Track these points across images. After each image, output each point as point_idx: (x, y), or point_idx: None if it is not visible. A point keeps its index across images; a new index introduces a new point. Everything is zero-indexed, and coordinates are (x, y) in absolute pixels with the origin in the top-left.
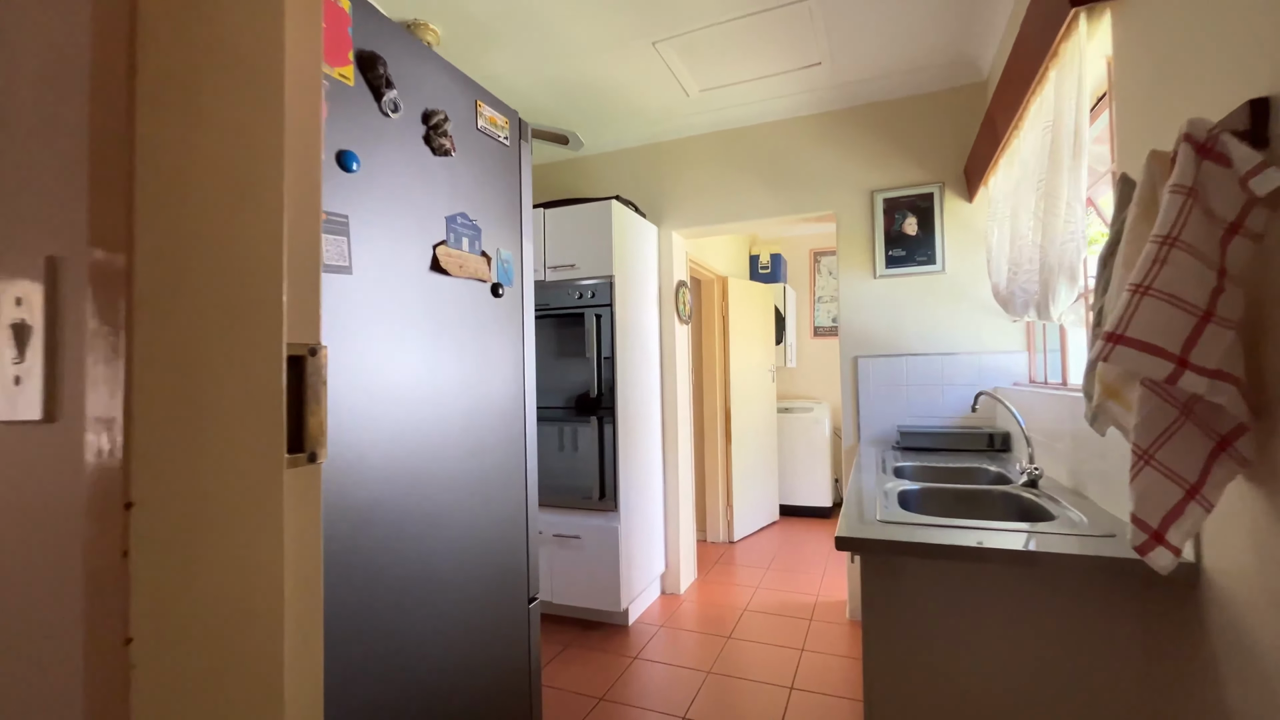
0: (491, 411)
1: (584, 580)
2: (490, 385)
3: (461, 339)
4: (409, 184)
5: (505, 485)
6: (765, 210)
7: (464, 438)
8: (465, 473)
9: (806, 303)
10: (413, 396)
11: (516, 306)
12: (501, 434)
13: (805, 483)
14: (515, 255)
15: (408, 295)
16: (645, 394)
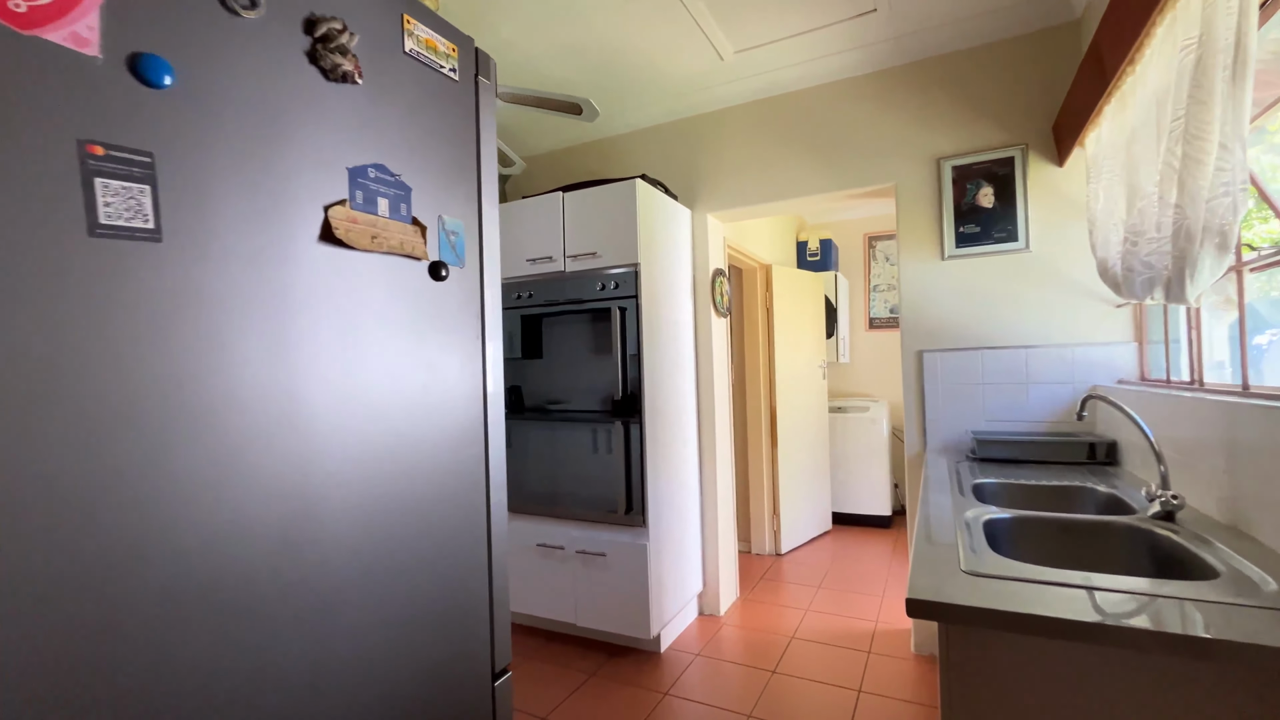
0: (432, 439)
1: (611, 603)
2: (431, 401)
3: (380, 337)
4: (279, 117)
5: (454, 534)
6: (813, 186)
7: (384, 479)
8: (385, 528)
9: (861, 292)
10: (284, 422)
11: (473, 293)
12: (450, 467)
13: (861, 489)
14: (469, 226)
15: (275, 275)
16: (677, 395)
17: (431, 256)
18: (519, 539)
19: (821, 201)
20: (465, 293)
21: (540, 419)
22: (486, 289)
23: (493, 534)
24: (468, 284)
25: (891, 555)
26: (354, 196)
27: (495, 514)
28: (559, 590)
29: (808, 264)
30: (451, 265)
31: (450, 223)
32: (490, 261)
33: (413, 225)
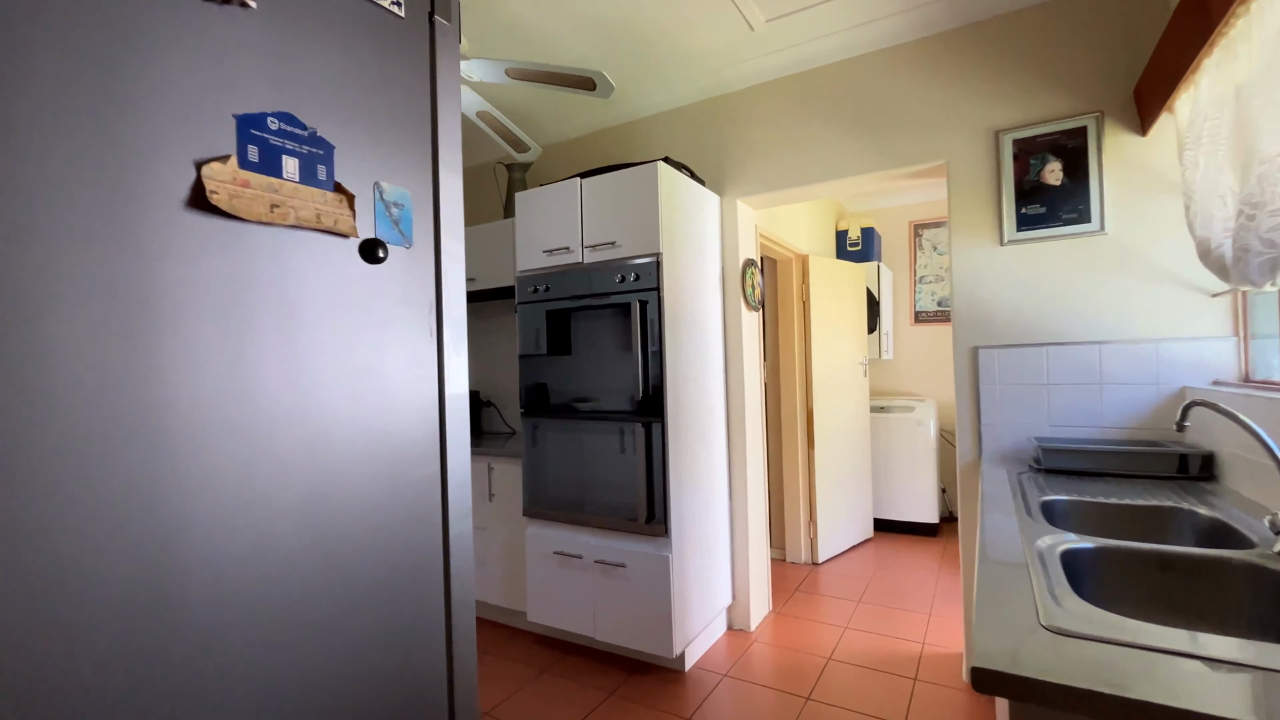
0: (362, 464)
1: (631, 617)
2: (362, 415)
3: (283, 336)
4: (130, 37)
5: (394, 584)
6: (853, 167)
7: (283, 520)
8: (286, 584)
9: (905, 284)
10: (132, 462)
11: (424, 280)
12: (388, 497)
13: (905, 494)
14: (420, 198)
15: (115, 256)
16: (704, 394)
17: (363, 233)
18: (536, 545)
19: (863, 184)
20: (414, 279)
21: (555, 419)
22: (446, 275)
23: (452, 581)
24: (418, 269)
25: (939, 567)
26: (244, 152)
27: (456, 553)
28: (577, 601)
29: (848, 254)
30: (393, 245)
31: (392, 192)
32: (451, 241)
33: (335, 193)
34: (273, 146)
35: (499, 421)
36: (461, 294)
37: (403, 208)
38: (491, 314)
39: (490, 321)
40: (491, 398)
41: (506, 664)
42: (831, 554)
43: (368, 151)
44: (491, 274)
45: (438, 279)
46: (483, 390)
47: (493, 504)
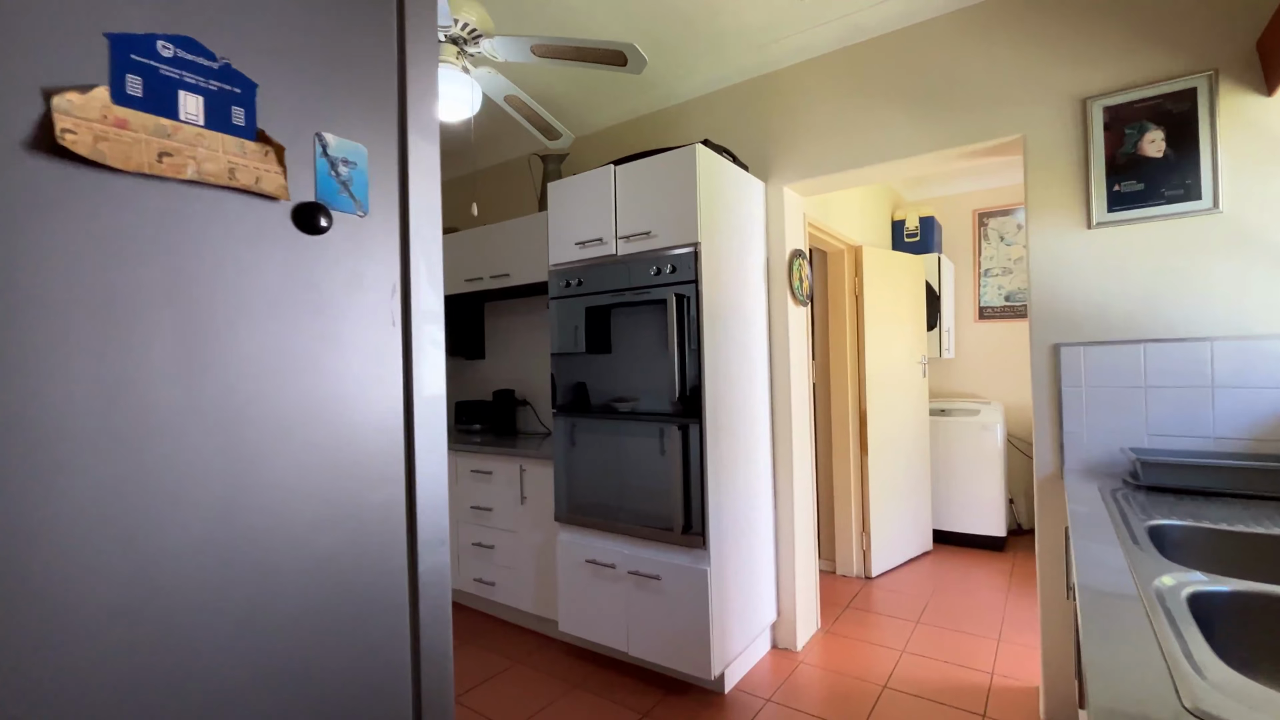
0: (293, 485)
1: (667, 633)
2: (292, 425)
3: (193, 324)
4: None
5: (340, 637)
6: (912, 146)
7: (178, 581)
8: (174, 670)
9: (968, 277)
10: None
11: (386, 258)
12: (333, 545)
13: (969, 504)
14: (380, 156)
15: None
16: (746, 394)
17: (297, 196)
18: (568, 553)
19: (924, 165)
20: (370, 256)
21: (587, 419)
22: (416, 252)
23: (422, 631)
24: (376, 243)
25: (1009, 585)
26: (120, 83)
27: (428, 596)
28: (610, 613)
29: (905, 245)
30: (340, 212)
31: (340, 147)
32: (423, 211)
33: (258, 144)
34: (165, 79)
35: (534, 421)
36: (437, 276)
37: (354, 166)
38: (528, 310)
39: (527, 318)
40: (527, 396)
41: (536, 676)
42: (886, 568)
43: (307, 94)
44: (526, 269)
45: (404, 256)
46: (518, 389)
47: (524, 507)
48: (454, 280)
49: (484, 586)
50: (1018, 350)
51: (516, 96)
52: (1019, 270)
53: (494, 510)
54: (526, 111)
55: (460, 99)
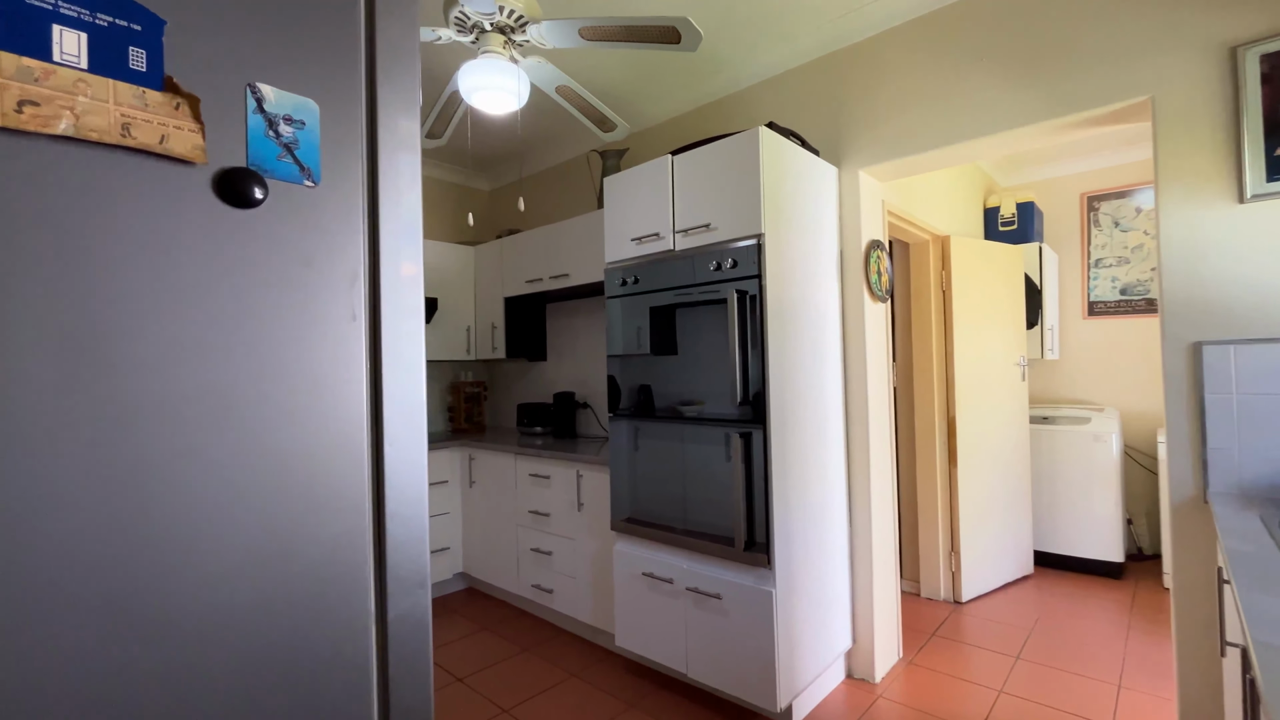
0: (230, 536)
1: (729, 657)
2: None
3: (79, 317)
4: None
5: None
6: (1012, 117)
7: (71, 634)
8: None
9: (1076, 269)
10: None
11: (347, 237)
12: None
13: (1077, 524)
14: (340, 115)
15: None
16: (817, 398)
17: (222, 160)
18: (624, 564)
19: (1026, 139)
20: (324, 237)
21: (643, 424)
22: (388, 233)
23: (392, 697)
24: (333, 222)
25: (1129, 620)
26: None
27: (400, 650)
28: (668, 630)
29: (1000, 235)
30: (281, 180)
31: (282, 102)
32: (398, 185)
33: (166, 94)
34: (31, 8)
35: (595, 424)
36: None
37: (301, 127)
38: (590, 311)
39: (588, 319)
40: (588, 398)
41: (592, 691)
42: (979, 592)
43: (237, 35)
44: (585, 269)
45: (372, 238)
46: (579, 391)
47: (582, 514)
48: (515, 281)
49: (542, 593)
50: (1137, 350)
51: (568, 87)
52: (1139, 259)
53: (551, 516)
54: (579, 102)
55: (508, 90)
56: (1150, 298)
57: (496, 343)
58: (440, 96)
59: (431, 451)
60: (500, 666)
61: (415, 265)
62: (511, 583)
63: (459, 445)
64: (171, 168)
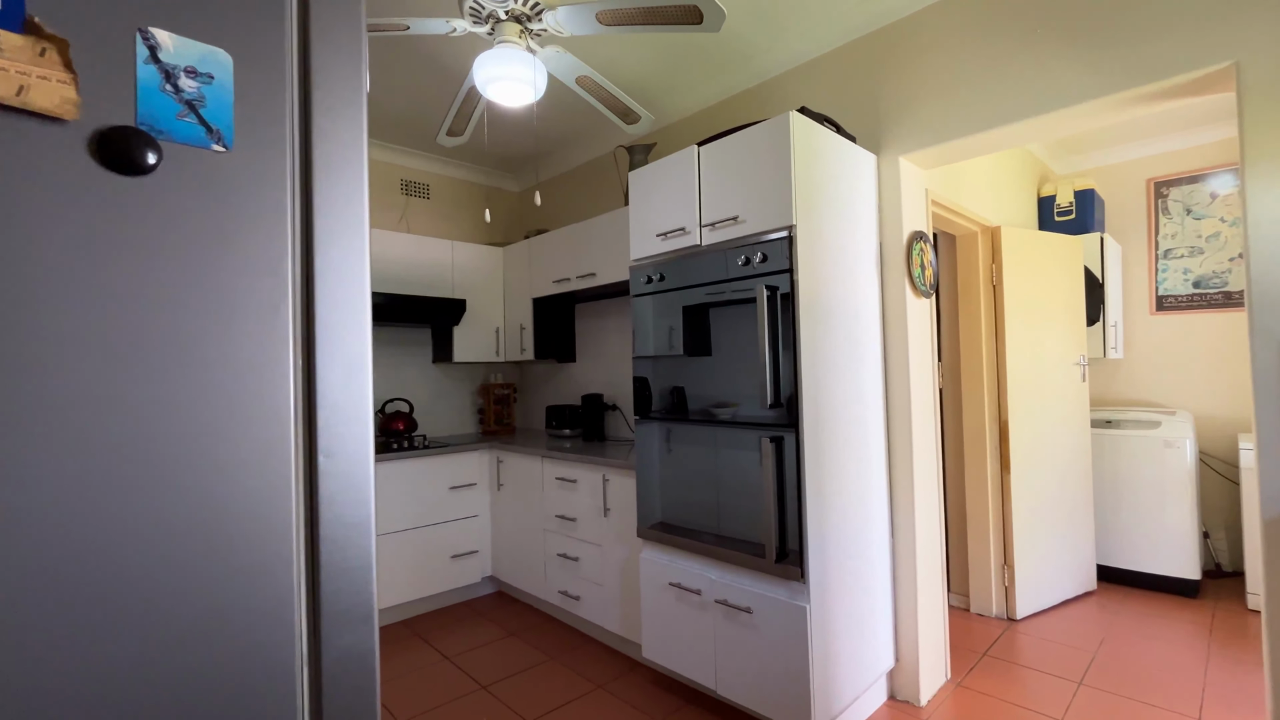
0: (122, 571)
1: (760, 674)
2: (115, 478)
3: None
4: None
5: None
6: (1072, 93)
7: None
8: None
9: (1142, 261)
10: None
11: (271, 216)
12: (172, 636)
13: (1147, 536)
14: (260, 68)
15: None
16: (854, 400)
17: (105, 118)
18: (651, 573)
19: (1086, 117)
20: (239, 211)
21: (668, 427)
22: (326, 212)
23: None
24: (252, 194)
25: (1208, 644)
26: None
27: (339, 691)
28: (695, 644)
29: (1056, 225)
30: (181, 143)
31: (184, 51)
32: (339, 155)
33: (23, 37)
34: None
35: (623, 427)
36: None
37: (210, 81)
38: (618, 311)
39: (618, 319)
40: (616, 400)
41: (618, 705)
42: (1036, 609)
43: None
44: (612, 267)
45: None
46: (607, 393)
47: (608, 519)
48: (543, 282)
49: (569, 600)
50: (1213, 348)
51: (588, 77)
52: (1214, 249)
53: (578, 521)
54: (600, 93)
55: (524, 80)
56: (1228, 290)
57: (525, 344)
58: (458, 93)
59: (459, 454)
60: (525, 675)
61: (359, 248)
62: (539, 588)
63: (487, 447)
64: (34, 125)
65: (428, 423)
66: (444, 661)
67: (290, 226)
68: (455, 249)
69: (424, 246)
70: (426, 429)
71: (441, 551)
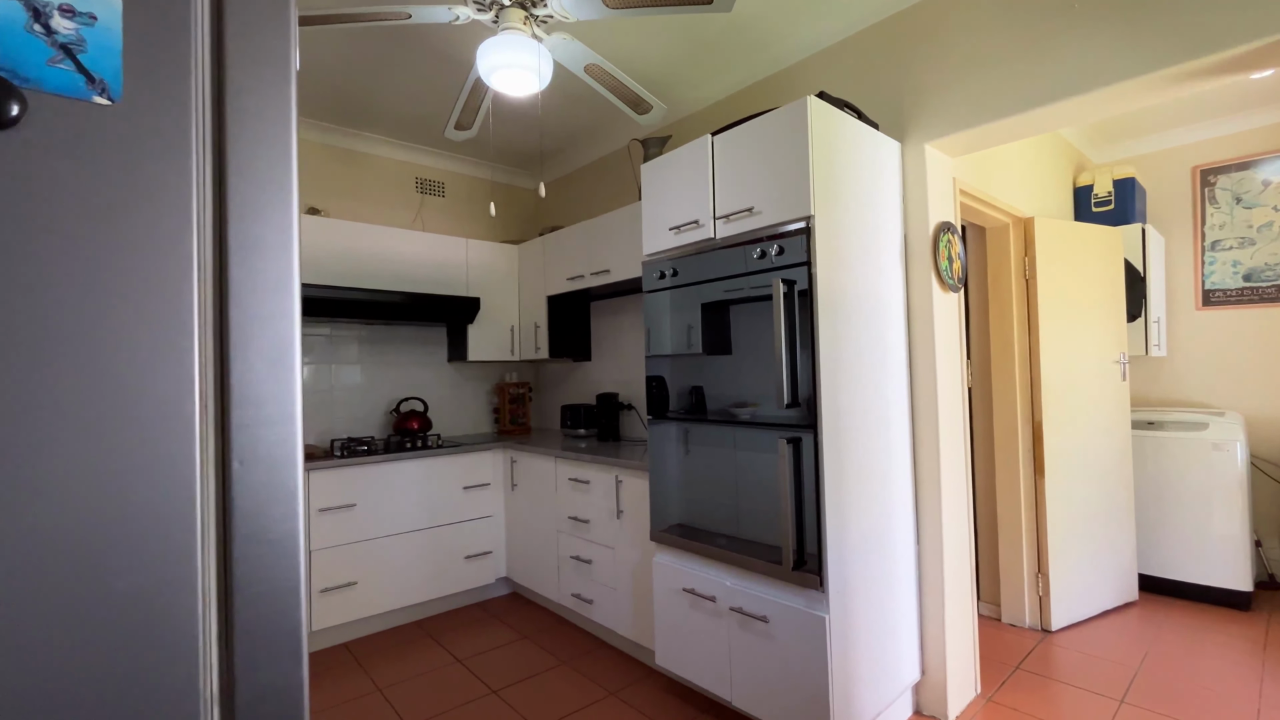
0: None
1: (777, 686)
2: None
3: None
4: None
5: None
6: (1116, 69)
7: None
8: None
9: (1186, 253)
10: None
11: (172, 177)
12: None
13: (1192, 544)
14: (159, 9)
15: None
16: (877, 400)
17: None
18: (664, 577)
19: (1130, 96)
20: (128, 176)
21: (680, 427)
22: (239, 173)
23: None
24: (146, 156)
25: (1262, 661)
26: None
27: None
28: (710, 652)
29: (1094, 216)
30: (57, 93)
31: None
32: (251, 109)
33: None
34: None
35: (639, 427)
36: (284, 220)
37: (93, 22)
38: (634, 309)
39: (633, 317)
40: (632, 399)
41: (630, 713)
42: (1072, 620)
43: None
44: (626, 264)
45: (216, 183)
46: (623, 392)
47: (621, 522)
48: (557, 279)
49: (582, 603)
50: (1266, 345)
51: (597, 65)
52: (1268, 239)
53: (591, 523)
54: (610, 82)
55: (528, 67)
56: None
57: (540, 343)
58: (464, 84)
59: (473, 453)
60: (537, 679)
61: (283, 222)
62: (552, 590)
63: (501, 447)
64: None
65: (443, 422)
66: (455, 664)
67: (196, 194)
68: (470, 247)
69: (438, 245)
70: (441, 428)
71: (455, 552)
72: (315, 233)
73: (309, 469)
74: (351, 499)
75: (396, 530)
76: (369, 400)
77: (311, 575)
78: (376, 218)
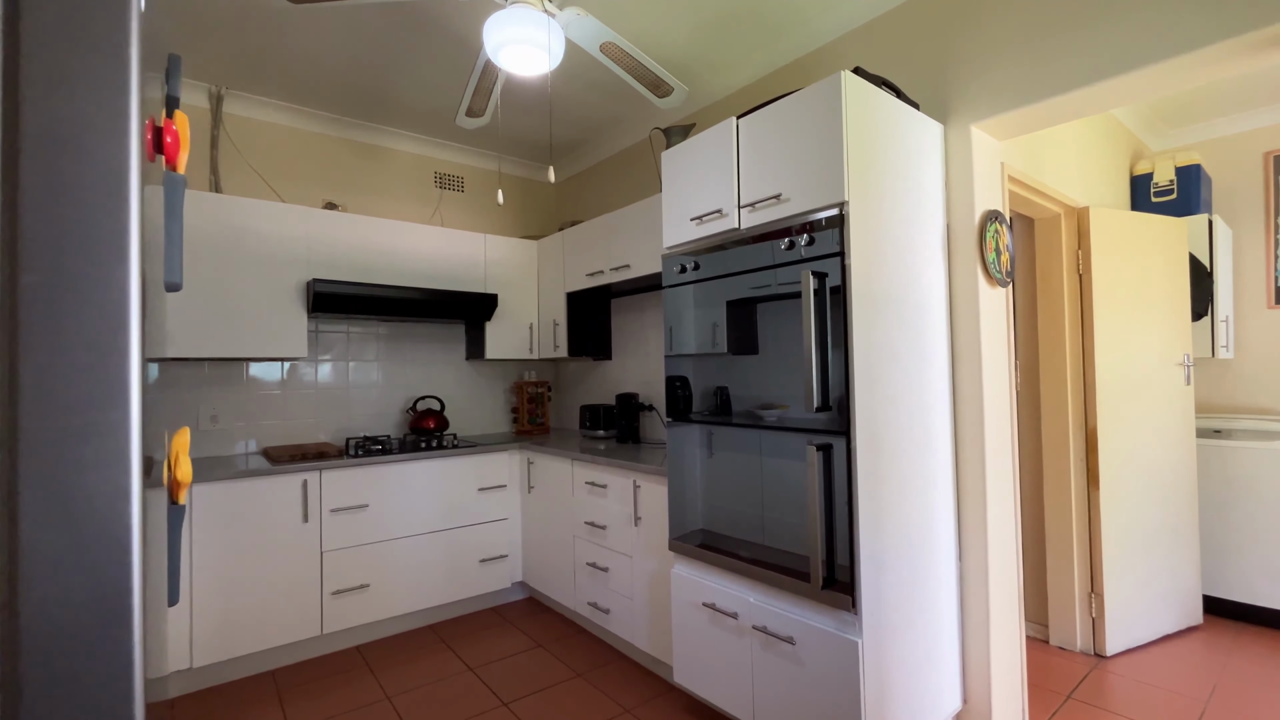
0: None
1: (803, 712)
2: None
3: None
4: None
5: None
6: (1180, 39)
7: None
8: None
9: (1258, 247)
10: None
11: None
12: None
13: (1265, 565)
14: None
15: None
16: (916, 403)
17: None
18: (683, 590)
19: (1203, 66)
20: None
21: (700, 431)
22: (35, 102)
23: None
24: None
25: None
26: None
27: None
28: (731, 672)
29: (1154, 206)
30: None
31: None
32: (93, 43)
33: None
34: None
35: (660, 429)
36: (126, 212)
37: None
38: (655, 306)
39: (655, 315)
40: (652, 400)
41: None
42: (1130, 644)
43: None
44: (646, 258)
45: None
46: (643, 392)
47: (639, 529)
48: (576, 275)
49: (599, 613)
50: None
51: (614, 44)
52: None
53: (608, 529)
54: (628, 63)
55: (536, 43)
56: None
57: (559, 340)
58: (474, 67)
59: (489, 454)
60: (550, 692)
61: (114, 159)
62: (568, 597)
63: (518, 448)
64: None
65: (460, 421)
66: (466, 672)
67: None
68: (488, 242)
69: (455, 240)
70: (459, 427)
71: (470, 555)
72: (332, 228)
73: (320, 469)
74: (364, 499)
75: (411, 532)
76: (386, 398)
77: (324, 576)
78: (396, 214)
